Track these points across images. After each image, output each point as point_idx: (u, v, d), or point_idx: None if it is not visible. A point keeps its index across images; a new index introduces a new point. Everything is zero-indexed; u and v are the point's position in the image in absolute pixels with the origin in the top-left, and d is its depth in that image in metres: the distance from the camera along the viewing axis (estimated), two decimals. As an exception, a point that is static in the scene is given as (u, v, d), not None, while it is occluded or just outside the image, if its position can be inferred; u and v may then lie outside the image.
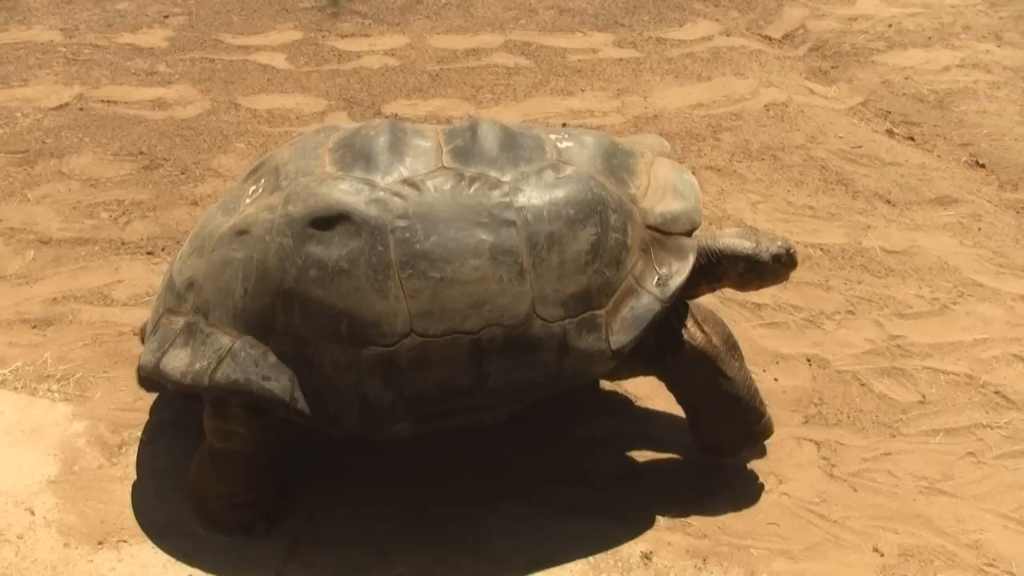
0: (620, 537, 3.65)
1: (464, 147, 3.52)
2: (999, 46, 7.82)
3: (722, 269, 3.87)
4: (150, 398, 4.15)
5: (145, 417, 4.06)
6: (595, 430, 4.11)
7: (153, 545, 3.54)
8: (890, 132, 6.64)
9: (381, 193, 3.36)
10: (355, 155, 3.48)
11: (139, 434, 3.99)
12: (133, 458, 3.90)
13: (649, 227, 3.60)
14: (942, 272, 5.16)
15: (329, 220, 3.32)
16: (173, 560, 3.49)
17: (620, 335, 3.45)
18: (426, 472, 3.87)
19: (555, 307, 3.38)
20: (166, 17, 7.80)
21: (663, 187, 3.71)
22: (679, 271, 3.56)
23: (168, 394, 4.11)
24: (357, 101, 6.60)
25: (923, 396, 4.40)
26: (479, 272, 3.31)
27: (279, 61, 7.15)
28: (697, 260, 3.68)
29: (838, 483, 3.95)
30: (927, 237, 5.45)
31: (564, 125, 6.27)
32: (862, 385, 4.42)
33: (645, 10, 8.13)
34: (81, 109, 6.43)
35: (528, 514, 3.72)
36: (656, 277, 3.53)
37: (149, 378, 3.80)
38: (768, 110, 6.63)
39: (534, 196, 3.42)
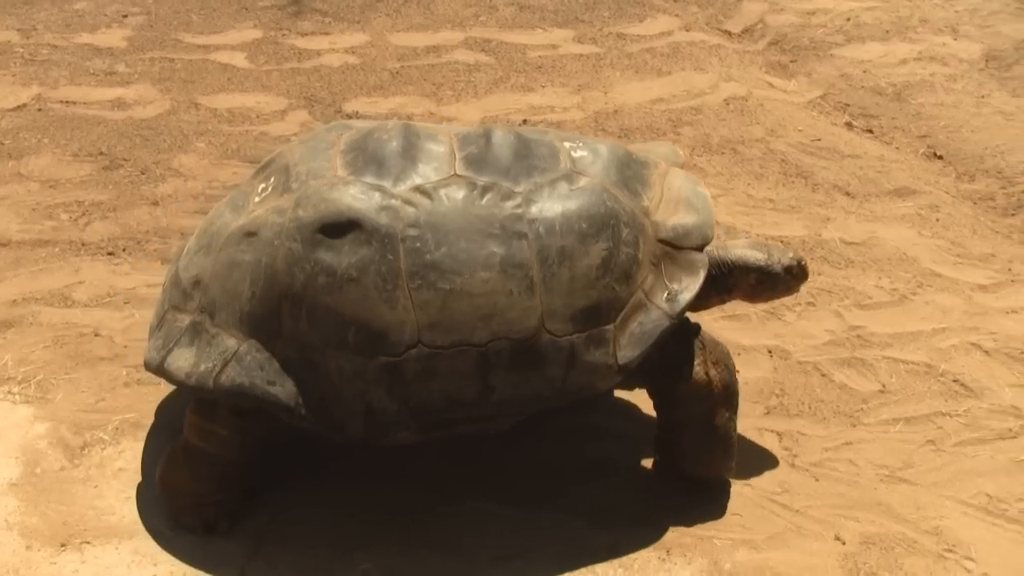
0: (585, 530, 3.66)
1: (478, 154, 3.47)
2: (955, 39, 7.89)
3: (733, 280, 3.86)
4: (112, 399, 4.14)
5: (107, 418, 4.05)
6: (561, 424, 4.11)
7: (116, 546, 3.52)
8: (849, 125, 6.70)
9: (392, 200, 3.32)
10: (367, 159, 3.43)
11: (101, 435, 3.97)
12: (95, 459, 3.88)
13: (661, 241, 3.56)
14: (901, 263, 5.20)
15: (339, 227, 3.29)
16: (137, 560, 3.48)
17: (627, 351, 3.42)
18: (392, 469, 3.86)
19: (564, 322, 3.36)
20: (125, 17, 7.77)
21: (676, 199, 3.67)
22: (689, 287, 3.52)
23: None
24: (318, 99, 6.59)
25: (883, 386, 4.44)
26: (489, 285, 3.28)
27: (239, 60, 7.14)
28: (708, 272, 3.63)
29: (800, 473, 3.98)
30: (886, 228, 5.50)
31: (524, 122, 6.28)
32: (823, 376, 4.46)
33: (605, 6, 8.15)
34: (39, 110, 6.40)
35: (494, 509, 3.73)
36: (666, 292, 3.49)
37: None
38: (728, 104, 6.67)
39: (547, 208, 3.39)
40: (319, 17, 7.84)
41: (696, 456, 3.77)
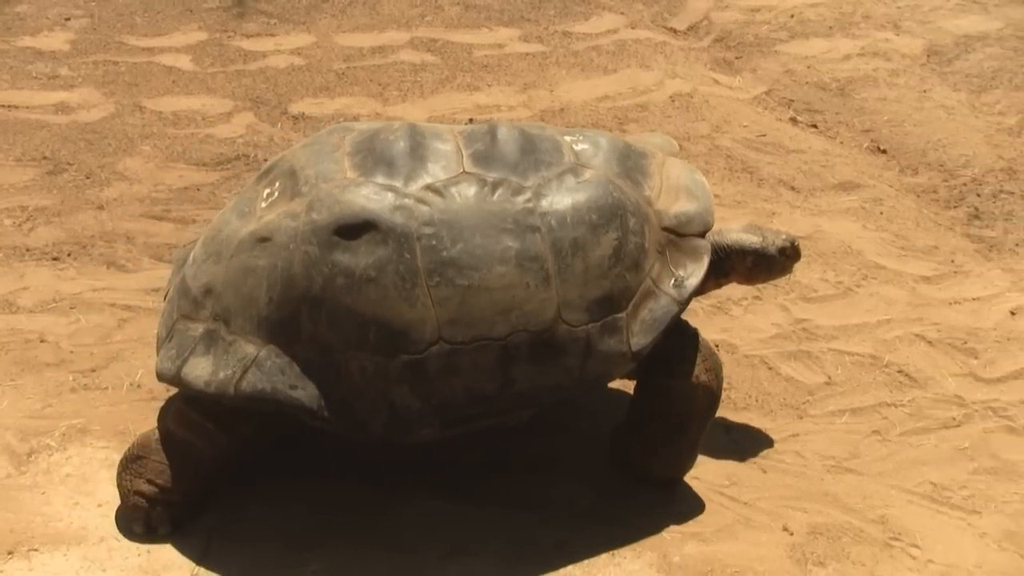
0: (534, 526, 3.67)
1: (484, 151, 3.51)
2: (898, 35, 7.96)
3: (730, 264, 3.95)
4: (59, 405, 4.11)
5: (54, 424, 4.01)
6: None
7: (64, 553, 3.49)
8: (793, 120, 6.75)
9: (406, 200, 3.34)
10: (376, 160, 3.45)
11: (48, 442, 3.94)
12: (42, 466, 3.84)
13: (664, 229, 3.63)
14: (846, 256, 5.26)
15: (355, 228, 3.30)
16: (86, 567, 3.45)
17: (640, 337, 3.48)
18: (339, 467, 3.86)
19: (580, 312, 3.41)
20: (67, 20, 7.69)
21: (676, 188, 3.74)
22: (694, 272, 3.61)
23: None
24: (263, 101, 6.57)
25: (829, 377, 4.49)
26: (506, 279, 3.33)
27: (184, 62, 7.09)
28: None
29: (748, 465, 4.01)
30: (831, 222, 5.55)
31: (470, 121, 6.29)
32: (769, 369, 4.50)
33: (551, 4, 8.16)
34: (-19, 115, 6.35)
35: (442, 505, 3.73)
36: (673, 279, 3.57)
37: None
38: (673, 101, 6.70)
39: (557, 202, 3.44)
40: (264, 18, 7.80)
41: (661, 454, 3.80)
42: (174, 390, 4.12)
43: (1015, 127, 6.70)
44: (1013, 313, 4.99)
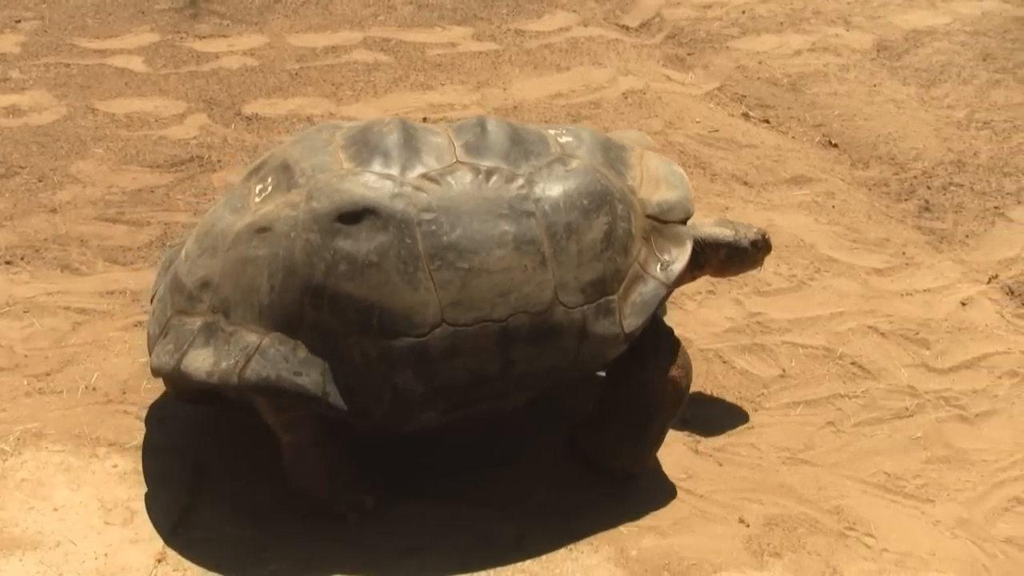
0: (492, 522, 3.68)
1: (475, 143, 3.60)
2: (848, 30, 8.04)
3: (704, 257, 4.02)
4: (13, 409, 4.07)
5: (8, 428, 3.97)
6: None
7: (20, 558, 3.46)
8: (746, 115, 6.80)
9: (404, 188, 3.43)
10: (371, 151, 3.53)
11: (3, 446, 3.90)
12: (-3, 471, 3.84)
13: (648, 216, 3.74)
14: (799, 249, 5.30)
15: (356, 215, 3.37)
16: (42, 571, 3.42)
17: (632, 319, 3.58)
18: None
19: (575, 293, 3.51)
20: (17, 22, 7.64)
21: (655, 178, 3.84)
22: (679, 257, 3.72)
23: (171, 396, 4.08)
24: (217, 102, 6.54)
25: (783, 370, 4.52)
26: (504, 262, 3.42)
27: (136, 64, 7.05)
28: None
29: (703, 459, 4.04)
30: (783, 216, 5.59)
31: (424, 120, 6.29)
32: (724, 362, 4.53)
33: (503, 3, 8.18)
34: (-69, 119, 6.28)
35: (399, 504, 3.73)
36: (659, 263, 3.68)
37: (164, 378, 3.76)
38: (626, 98, 6.73)
39: (549, 188, 3.54)
40: (217, 19, 7.77)
41: (625, 447, 3.83)
42: (130, 393, 4.14)
43: (964, 120, 6.78)
44: (964, 304, 5.05)
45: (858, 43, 7.82)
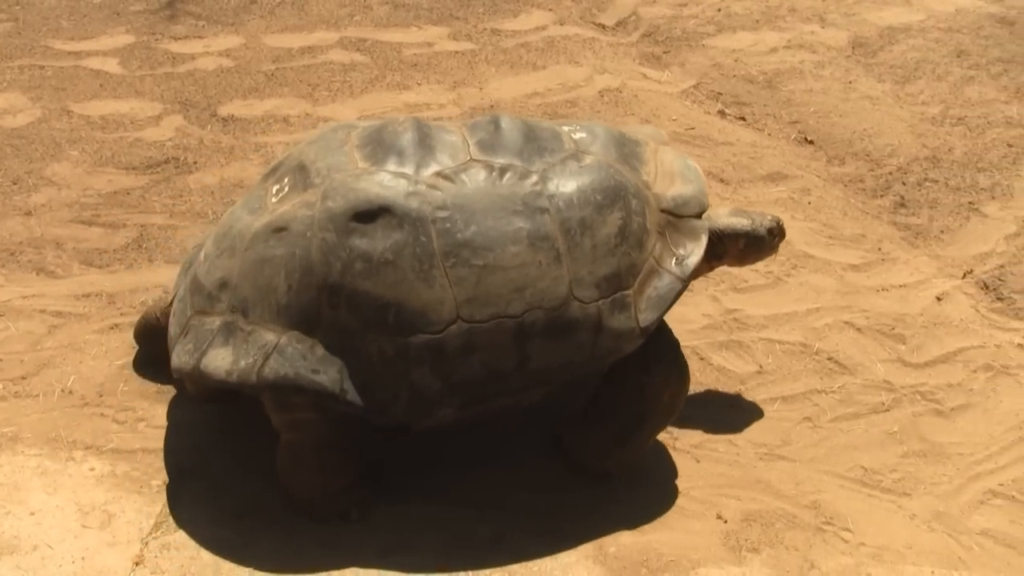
0: (471, 522, 3.69)
1: (489, 140, 3.62)
2: (823, 27, 8.06)
3: (723, 248, 4.04)
4: (-11, 413, 4.08)
5: (-16, 432, 3.98)
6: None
7: (-3, 561, 3.48)
8: (722, 113, 6.81)
9: (418, 186, 3.46)
10: (386, 150, 3.56)
11: (-22, 450, 3.91)
12: (-27, 475, 3.82)
13: (663, 211, 3.76)
14: (775, 246, 5.31)
15: (371, 213, 3.41)
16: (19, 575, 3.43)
17: (647, 313, 3.59)
18: (274, 469, 3.85)
19: (590, 288, 3.52)
20: (-9, 25, 7.61)
21: (670, 173, 3.86)
22: (694, 251, 3.74)
23: (188, 395, 4.09)
24: (193, 103, 6.52)
25: (760, 366, 4.54)
26: (519, 258, 3.44)
27: (111, 66, 7.02)
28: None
29: (681, 455, 4.05)
30: (760, 213, 5.60)
31: (402, 119, 6.28)
32: (701, 359, 4.54)
33: (480, 2, 8.18)
34: (-96, 123, 6.25)
35: (378, 502, 3.74)
36: (674, 258, 3.70)
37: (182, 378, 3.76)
38: (603, 96, 6.74)
39: (563, 184, 3.57)
40: (192, 20, 7.75)
41: (614, 448, 3.85)
42: (107, 396, 4.13)
43: (938, 116, 6.80)
44: (939, 299, 5.07)
45: (833, 40, 7.84)
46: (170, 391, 4.19)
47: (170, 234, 5.16)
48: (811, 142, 6.52)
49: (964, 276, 5.28)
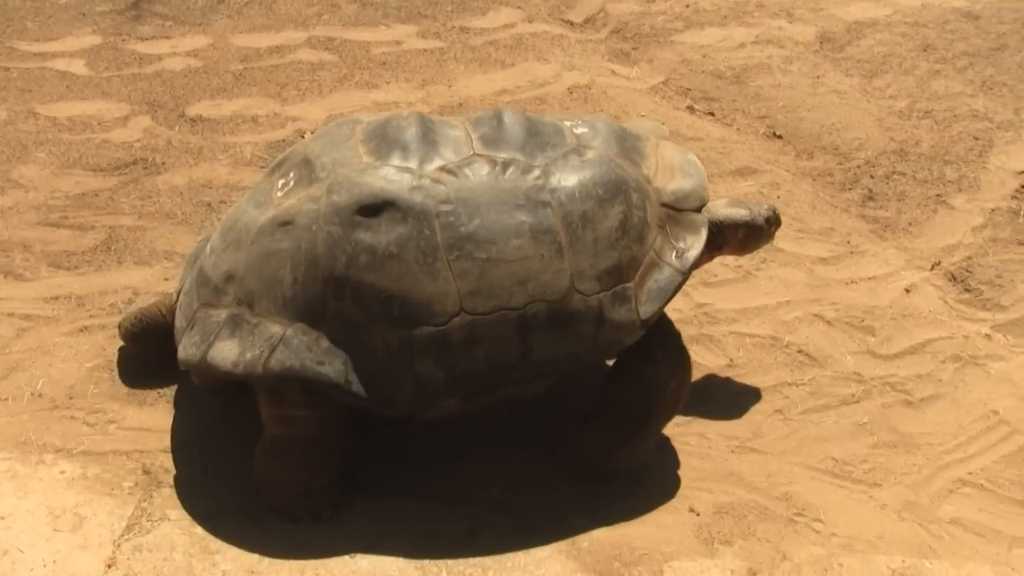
0: (444, 518, 3.70)
1: (492, 135, 3.66)
2: (791, 22, 8.10)
3: (723, 238, 4.09)
4: (-41, 417, 4.05)
5: (-47, 436, 3.96)
6: (415, 415, 4.13)
7: (-32, 565, 3.46)
8: (691, 108, 6.83)
9: (422, 180, 3.50)
10: (390, 145, 3.60)
11: (-52, 454, 3.89)
12: (-57, 478, 3.80)
13: (663, 205, 3.80)
14: (744, 240, 5.33)
15: (375, 207, 3.45)
16: (-10, 578, 3.43)
17: (648, 305, 3.63)
18: (247, 469, 3.84)
19: (591, 281, 3.56)
20: (-45, 28, 7.56)
21: (671, 167, 3.90)
22: (694, 245, 3.78)
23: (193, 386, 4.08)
24: (160, 104, 6.49)
25: (731, 360, 4.56)
26: (522, 251, 3.48)
27: (78, 67, 6.98)
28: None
29: (653, 449, 4.06)
30: (729, 208, 5.62)
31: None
32: (673, 353, 4.55)
33: (448, 0, 8.17)
34: None
35: (351, 500, 3.74)
36: (674, 251, 3.74)
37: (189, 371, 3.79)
38: (572, 93, 6.75)
39: (564, 178, 3.60)
40: (159, 21, 7.71)
41: (621, 446, 3.85)
42: (77, 399, 4.11)
43: (905, 110, 6.84)
44: (908, 291, 5.10)
45: (801, 35, 7.88)
46: (142, 393, 4.18)
47: (139, 235, 5.14)
48: (780, 137, 6.55)
49: (932, 268, 5.32)
